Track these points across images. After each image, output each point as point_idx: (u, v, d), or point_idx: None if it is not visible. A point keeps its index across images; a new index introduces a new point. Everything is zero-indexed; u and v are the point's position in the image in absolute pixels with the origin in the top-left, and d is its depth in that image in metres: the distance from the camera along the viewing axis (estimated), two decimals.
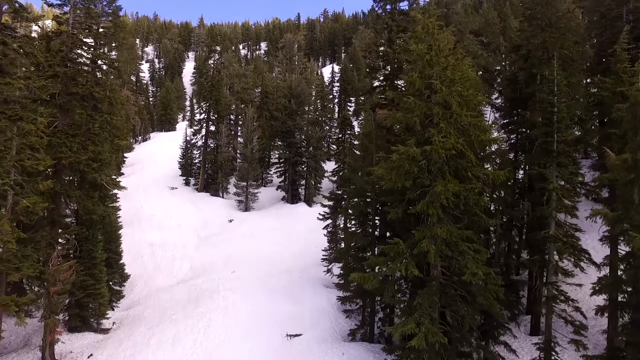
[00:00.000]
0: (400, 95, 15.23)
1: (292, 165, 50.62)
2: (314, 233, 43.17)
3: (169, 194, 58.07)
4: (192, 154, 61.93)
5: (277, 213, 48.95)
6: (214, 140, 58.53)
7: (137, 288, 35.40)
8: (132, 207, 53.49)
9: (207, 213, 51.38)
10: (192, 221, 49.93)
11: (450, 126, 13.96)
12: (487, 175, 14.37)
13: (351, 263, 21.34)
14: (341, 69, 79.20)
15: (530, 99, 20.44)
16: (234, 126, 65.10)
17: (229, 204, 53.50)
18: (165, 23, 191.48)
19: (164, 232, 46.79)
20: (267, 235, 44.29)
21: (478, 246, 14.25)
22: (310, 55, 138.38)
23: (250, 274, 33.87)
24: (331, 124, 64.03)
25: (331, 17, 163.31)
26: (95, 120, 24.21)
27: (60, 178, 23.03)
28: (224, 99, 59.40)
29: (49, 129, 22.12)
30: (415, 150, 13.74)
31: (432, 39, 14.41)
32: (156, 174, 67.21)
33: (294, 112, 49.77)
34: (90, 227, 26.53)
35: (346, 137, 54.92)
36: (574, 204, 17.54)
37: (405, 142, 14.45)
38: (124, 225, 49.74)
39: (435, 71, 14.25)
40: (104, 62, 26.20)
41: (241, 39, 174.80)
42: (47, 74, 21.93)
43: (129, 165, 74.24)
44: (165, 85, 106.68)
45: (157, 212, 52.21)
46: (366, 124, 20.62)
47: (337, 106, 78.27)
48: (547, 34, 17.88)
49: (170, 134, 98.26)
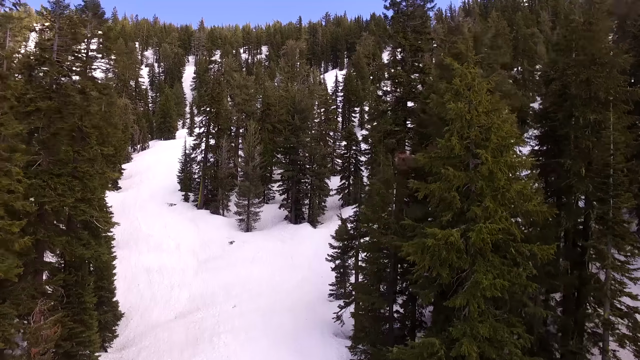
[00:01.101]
0: (433, 159, 13.06)
1: (296, 183, 48.47)
2: (319, 259, 41.01)
3: (168, 210, 55.95)
4: (191, 168, 59.84)
5: (280, 235, 46.80)
6: (214, 155, 56.42)
7: (132, 323, 33.27)
8: (129, 226, 51.45)
9: (207, 233, 49.25)
10: (192, 242, 47.83)
11: (496, 203, 11.82)
12: (534, 253, 12.19)
13: (367, 328, 19.15)
14: (345, 78, 77.02)
15: (565, 138, 18.30)
16: (234, 139, 62.95)
17: (229, 223, 51.36)
18: (165, 26, 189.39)
19: (162, 255, 44.71)
20: (270, 260, 42.14)
21: (520, 330, 12.06)
22: (312, 60, 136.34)
23: (252, 310, 31.73)
24: (335, 136, 61.90)
25: (333, 21, 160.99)
26: (83, 156, 22.07)
27: (44, 223, 20.87)
28: (224, 111, 57.28)
29: (29, 170, 20.04)
30: (456, 236, 11.59)
31: (473, 92, 12.27)
32: (154, 187, 65.11)
33: (297, 128, 47.62)
34: (79, 268, 24.48)
35: (351, 153, 52.86)
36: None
37: (439, 216, 12.32)
38: (120, 246, 47.88)
39: (476, 133, 12.14)
40: (95, 88, 24.04)
41: (242, 43, 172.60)
42: (28, 109, 19.79)
43: (127, 177, 72.13)
44: (165, 92, 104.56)
45: (155, 231, 50.12)
46: (384, 170, 18.51)
47: (341, 116, 76.15)
48: (591, 72, 15.74)
49: (169, 142, 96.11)
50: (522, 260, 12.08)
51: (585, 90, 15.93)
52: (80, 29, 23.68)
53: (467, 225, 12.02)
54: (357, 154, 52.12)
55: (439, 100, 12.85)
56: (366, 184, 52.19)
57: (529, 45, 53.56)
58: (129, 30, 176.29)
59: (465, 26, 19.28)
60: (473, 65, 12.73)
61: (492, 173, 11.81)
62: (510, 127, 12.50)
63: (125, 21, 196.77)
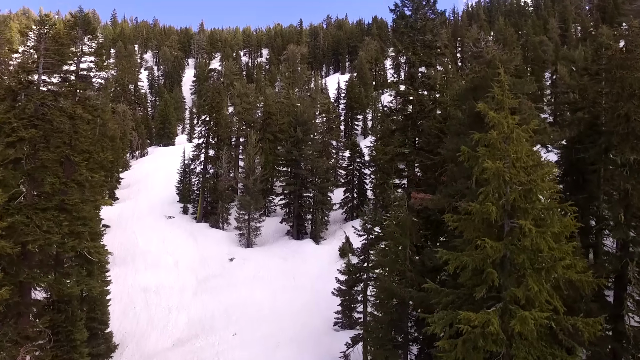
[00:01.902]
0: (463, 221, 11.45)
1: (298, 197, 46.89)
2: (322, 280, 39.41)
3: (166, 224, 54.34)
4: (190, 179, 58.26)
5: (282, 252, 45.20)
6: (213, 166, 54.85)
7: (127, 351, 31.68)
8: (126, 241, 49.98)
9: (206, 249, 47.67)
10: (190, 258, 46.25)
11: (540, 283, 10.21)
12: (579, 329, 10.58)
13: None
14: (347, 85, 75.40)
15: (593, 171, 16.74)
16: (235, 149, 61.38)
17: (229, 237, 49.76)
18: (165, 29, 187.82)
19: (160, 273, 43.13)
20: (271, 279, 40.56)
21: None
22: (314, 63, 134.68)
23: (254, 339, 30.15)
24: (338, 146, 60.33)
25: (334, 24, 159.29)
26: (72, 187, 20.48)
27: (28, 262, 19.29)
28: (223, 121, 55.74)
29: (11, 205, 18.46)
30: (495, 326, 9.94)
31: (511, 145, 10.66)
32: (153, 198, 63.56)
33: (300, 141, 46.03)
34: (69, 303, 22.93)
35: (355, 165, 51.30)
36: None
37: (471, 289, 10.74)
38: (116, 263, 46.26)
39: (515, 196, 10.53)
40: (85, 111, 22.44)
41: (242, 45, 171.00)
42: (9, 140, 18.22)
43: (125, 186, 70.61)
44: (164, 98, 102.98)
45: (152, 246, 48.56)
46: (398, 212, 16.91)
47: (344, 123, 74.60)
48: (631, 107, 14.12)
49: (168, 149, 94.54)
50: (564, 337, 10.49)
51: (624, 126, 14.38)
52: (68, 48, 22.12)
53: (505, 305, 10.43)
54: (360, 167, 50.56)
55: (471, 154, 11.25)
56: (370, 199, 50.75)
57: (538, 53, 51.84)
58: (128, 33, 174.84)
59: (489, 51, 17.61)
60: (510, 113, 11.12)
61: (536, 246, 10.23)
62: (553, 184, 10.91)
63: (125, 24, 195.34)
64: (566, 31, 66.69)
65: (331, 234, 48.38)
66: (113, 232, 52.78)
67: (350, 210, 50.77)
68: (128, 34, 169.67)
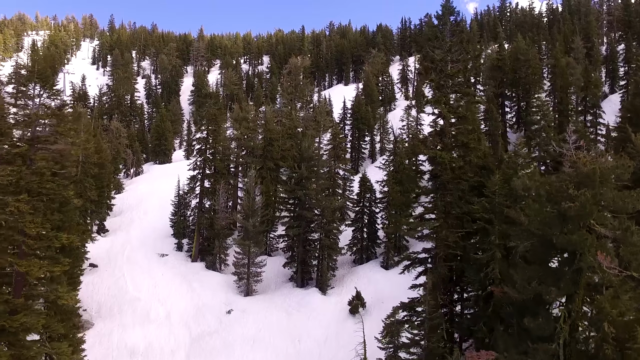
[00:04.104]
0: None
1: (302, 241, 42.45)
2: (331, 343, 35.20)
3: (158, 263, 49.91)
4: (185, 212, 53.80)
5: (285, 303, 40.75)
6: (209, 200, 50.42)
7: None
8: (114, 285, 45.58)
9: (201, 297, 43.22)
10: (184, 309, 41.80)
11: None
12: None
13: None
14: (353, 105, 70.78)
15: None
16: (233, 177, 56.99)
17: (227, 283, 45.27)
18: (164, 35, 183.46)
19: (150, 329, 38.73)
20: (273, 341, 36.15)
21: None
22: (316, 73, 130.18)
23: None
24: (346, 175, 55.85)
25: (337, 30, 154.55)
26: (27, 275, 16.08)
27: None
28: (220, 153, 51.32)
29: None
30: None
31: None
32: (145, 229, 59.12)
33: (304, 179, 41.60)
34: None
35: (364, 202, 46.87)
36: None
37: None
38: (102, 315, 41.88)
39: None
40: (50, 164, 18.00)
41: (242, 52, 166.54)
42: None
43: (117, 213, 66.21)
44: (160, 112, 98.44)
45: (143, 293, 44.16)
46: None
47: (350, 144, 70.01)
48: None
49: (165, 167, 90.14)
50: None
51: None
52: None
53: None
54: (371, 204, 46.10)
55: None
56: (382, 239, 46.29)
57: (566, 79, 46.92)
58: (125, 39, 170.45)
59: (584, 160, 13.27)
60: None
61: None
62: None
63: (123, 29, 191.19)
64: (591, 49, 61.98)
65: (339, 281, 43.94)
66: (100, 274, 48.38)
67: (359, 252, 46.36)
68: (125, 42, 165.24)
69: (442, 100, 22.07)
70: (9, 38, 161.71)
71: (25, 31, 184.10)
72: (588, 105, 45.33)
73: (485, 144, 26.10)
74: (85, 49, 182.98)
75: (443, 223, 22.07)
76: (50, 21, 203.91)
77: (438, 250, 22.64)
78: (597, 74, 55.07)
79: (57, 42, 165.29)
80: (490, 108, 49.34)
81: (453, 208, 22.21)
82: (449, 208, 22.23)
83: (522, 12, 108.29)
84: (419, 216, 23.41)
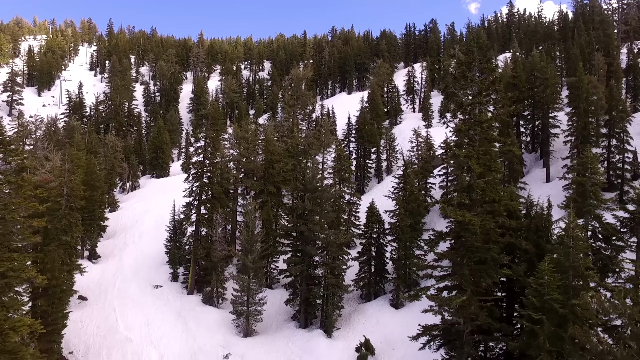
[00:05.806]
0: None
1: (305, 279, 39.24)
2: None
3: (152, 297, 46.74)
4: (181, 239, 50.58)
5: (288, 348, 37.53)
6: (206, 228, 47.19)
7: None
8: (104, 323, 42.53)
9: (197, 338, 40.06)
10: (179, 352, 38.72)
11: None
12: None
13: None
14: (358, 121, 67.48)
15: None
16: (232, 201, 53.80)
17: (224, 321, 42.08)
18: (163, 39, 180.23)
19: None
20: None
21: None
22: (319, 80, 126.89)
23: None
24: (352, 200, 52.63)
25: (339, 35, 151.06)
26: None
27: None
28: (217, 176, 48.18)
29: None
30: None
31: None
32: (139, 256, 55.93)
33: (308, 212, 38.42)
34: None
35: (372, 234, 43.63)
36: None
37: None
38: None
39: None
40: None
41: (243, 58, 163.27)
42: None
43: (110, 235, 63.04)
44: (158, 124, 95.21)
45: (134, 332, 41.13)
46: None
47: (355, 162, 66.71)
48: None
49: (162, 182, 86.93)
50: None
51: None
52: None
53: None
54: (379, 236, 42.88)
55: None
56: (390, 273, 42.97)
57: (589, 102, 43.42)
58: (124, 45, 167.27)
59: None
60: None
61: None
62: None
63: (122, 34, 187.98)
64: (611, 65, 58.46)
65: (345, 320, 40.75)
66: (90, 308, 45.19)
67: (367, 287, 43.16)
68: (123, 47, 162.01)
69: (473, 155, 18.81)
70: (5, 44, 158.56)
71: (23, 36, 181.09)
72: (613, 129, 42.00)
73: (510, 194, 22.82)
74: (84, 54, 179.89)
75: (471, 296, 18.88)
76: (48, 25, 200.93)
77: (465, 325, 19.45)
78: (619, 91, 51.62)
79: (54, 47, 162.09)
80: (504, 130, 46.04)
81: (483, 278, 19.03)
82: (477, 278, 19.04)
83: (532, 20, 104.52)
84: (439, 288, 20.15)
